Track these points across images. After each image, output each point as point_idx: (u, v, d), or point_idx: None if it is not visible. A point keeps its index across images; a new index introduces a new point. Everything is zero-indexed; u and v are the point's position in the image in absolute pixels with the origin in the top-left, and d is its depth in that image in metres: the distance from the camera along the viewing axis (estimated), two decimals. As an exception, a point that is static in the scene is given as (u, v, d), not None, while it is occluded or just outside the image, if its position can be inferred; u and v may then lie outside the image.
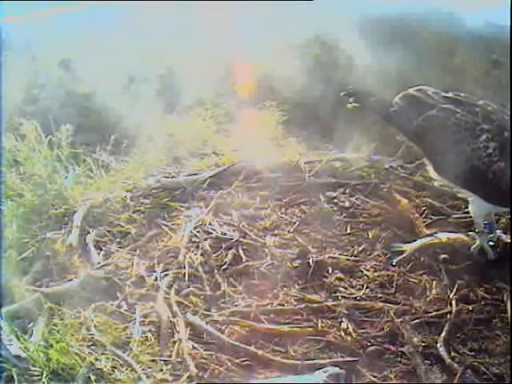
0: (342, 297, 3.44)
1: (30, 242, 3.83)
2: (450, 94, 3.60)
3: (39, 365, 3.02)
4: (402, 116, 3.65)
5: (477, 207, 3.58)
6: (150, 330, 3.28)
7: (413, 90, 3.68)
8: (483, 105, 3.50)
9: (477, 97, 3.62)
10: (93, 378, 2.97)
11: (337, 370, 2.93)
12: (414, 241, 3.76)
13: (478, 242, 3.68)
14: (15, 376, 2.98)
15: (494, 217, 3.80)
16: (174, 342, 3.19)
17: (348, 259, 3.71)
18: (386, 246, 3.81)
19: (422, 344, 3.16)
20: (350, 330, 3.23)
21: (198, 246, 3.80)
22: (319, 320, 3.30)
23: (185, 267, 3.63)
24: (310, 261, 3.63)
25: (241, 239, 3.84)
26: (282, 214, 4.13)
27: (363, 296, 3.46)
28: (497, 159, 3.34)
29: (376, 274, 3.61)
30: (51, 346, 3.10)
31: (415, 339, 3.18)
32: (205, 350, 3.14)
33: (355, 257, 3.75)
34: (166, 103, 4.90)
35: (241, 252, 3.76)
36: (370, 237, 3.91)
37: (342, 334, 3.22)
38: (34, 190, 4.09)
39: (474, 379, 3.01)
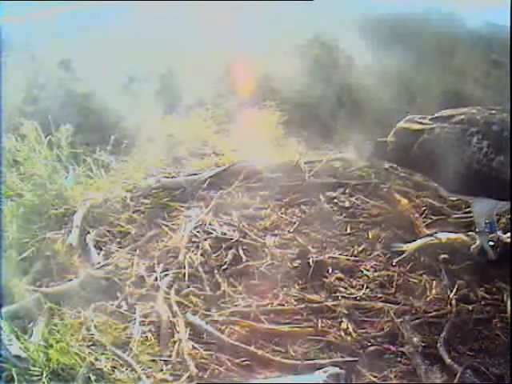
0: (342, 297, 3.44)
1: (29, 242, 3.83)
2: (435, 115, 3.62)
3: (39, 365, 3.02)
4: (399, 152, 3.67)
5: (479, 207, 3.58)
6: (150, 330, 3.28)
7: (401, 123, 3.72)
8: (466, 111, 3.52)
9: (476, 96, 3.62)
10: (93, 378, 2.97)
11: (337, 370, 2.93)
12: (414, 241, 3.76)
13: (478, 241, 3.68)
14: (15, 376, 2.97)
15: (495, 217, 3.80)
16: (174, 342, 3.19)
17: (348, 259, 3.71)
18: (385, 245, 3.81)
19: (422, 344, 3.15)
20: (350, 329, 3.23)
21: (198, 246, 3.80)
22: (319, 320, 3.30)
23: (185, 267, 3.63)
24: (310, 261, 3.63)
25: (241, 239, 3.84)
26: (282, 214, 4.13)
27: (363, 296, 3.46)
28: (494, 155, 3.34)
29: (376, 274, 3.61)
30: (51, 346, 3.10)
31: (415, 339, 3.17)
32: (205, 350, 3.14)
33: (355, 257, 3.75)
34: (166, 103, 4.91)
35: (241, 252, 3.76)
36: (370, 237, 3.91)
37: (342, 333, 3.22)
38: (34, 190, 4.09)
39: (473, 379, 3.00)
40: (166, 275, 3.60)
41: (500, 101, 4.23)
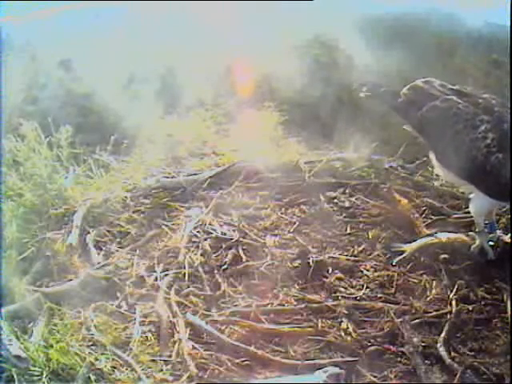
0: (342, 297, 3.44)
1: (29, 242, 3.83)
2: (456, 87, 3.64)
3: (39, 365, 3.02)
4: (409, 106, 3.70)
5: (478, 205, 3.59)
6: (149, 330, 3.28)
7: (420, 81, 3.74)
8: (487, 97, 3.52)
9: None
10: (93, 378, 2.97)
11: (337, 369, 2.93)
12: (414, 241, 3.76)
13: (477, 241, 3.68)
14: (15, 376, 2.97)
15: (495, 217, 3.80)
16: (174, 342, 3.19)
17: (348, 259, 3.71)
18: (385, 246, 3.81)
19: (422, 344, 3.16)
20: (350, 329, 3.23)
21: (198, 246, 3.80)
22: (319, 320, 3.30)
23: (185, 267, 3.63)
24: (310, 261, 3.63)
25: (241, 239, 3.84)
26: (282, 214, 4.13)
27: (363, 296, 3.46)
28: (495, 150, 3.33)
29: (376, 274, 3.61)
30: (51, 346, 3.10)
31: (415, 339, 3.17)
32: (205, 350, 3.14)
33: (355, 257, 3.75)
34: (166, 103, 4.91)
35: (241, 252, 3.76)
36: (370, 237, 3.91)
37: (342, 333, 3.22)
38: (34, 190, 4.09)
39: (473, 379, 3.00)
40: (166, 275, 3.60)
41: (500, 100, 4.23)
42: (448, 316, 3.31)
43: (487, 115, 3.40)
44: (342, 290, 3.51)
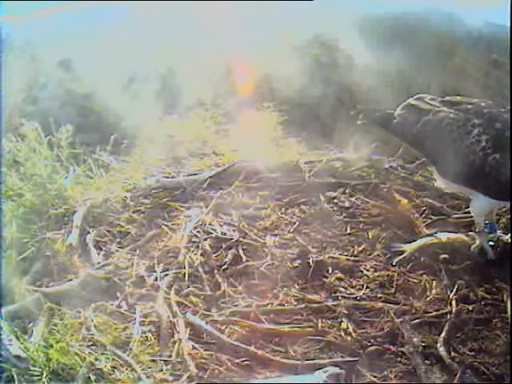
0: (342, 297, 3.44)
1: (29, 242, 3.82)
2: (446, 98, 3.66)
3: (39, 365, 3.02)
4: (404, 126, 3.71)
5: (478, 206, 3.59)
6: (150, 330, 3.28)
7: (412, 99, 3.76)
8: (477, 102, 3.54)
9: (476, 96, 3.63)
10: (93, 378, 2.97)
11: (337, 369, 2.93)
12: (414, 241, 3.76)
13: (477, 241, 3.68)
14: (15, 376, 2.97)
15: (495, 217, 3.81)
16: (174, 342, 3.19)
17: (348, 259, 3.71)
18: (385, 246, 3.81)
19: (422, 344, 3.15)
20: (350, 329, 3.23)
21: (198, 246, 3.80)
22: (319, 320, 3.30)
23: (185, 267, 3.63)
24: (310, 261, 3.63)
25: (241, 239, 3.84)
26: (282, 214, 4.13)
27: (363, 296, 3.46)
28: (491, 151, 3.34)
29: (376, 274, 3.61)
30: (51, 346, 3.10)
31: (415, 339, 3.17)
32: (205, 350, 3.14)
33: (355, 257, 3.75)
34: (166, 103, 4.91)
35: (241, 252, 3.76)
36: (370, 237, 3.91)
37: (342, 333, 3.22)
38: (34, 190, 4.09)
39: (473, 379, 3.00)
40: (166, 275, 3.60)
41: (500, 101, 4.24)
42: (448, 316, 3.31)
43: (478, 119, 3.42)
44: (342, 289, 3.51)
